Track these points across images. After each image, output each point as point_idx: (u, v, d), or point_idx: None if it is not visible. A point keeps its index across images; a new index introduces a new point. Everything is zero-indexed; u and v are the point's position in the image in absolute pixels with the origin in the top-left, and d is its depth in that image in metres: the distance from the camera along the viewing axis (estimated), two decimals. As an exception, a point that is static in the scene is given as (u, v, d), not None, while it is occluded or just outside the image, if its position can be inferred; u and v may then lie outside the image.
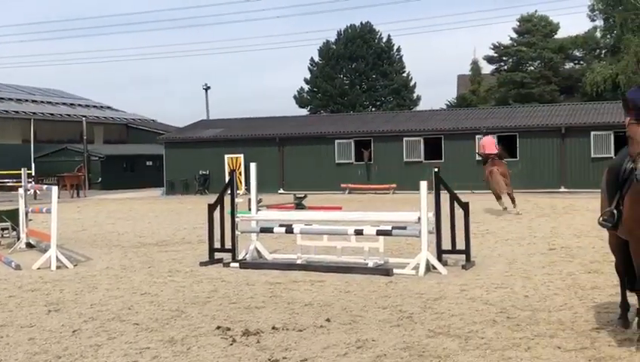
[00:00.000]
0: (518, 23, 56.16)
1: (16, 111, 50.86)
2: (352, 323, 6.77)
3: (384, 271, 9.61)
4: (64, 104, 59.11)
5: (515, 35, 56.17)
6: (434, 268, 9.64)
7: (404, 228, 10.08)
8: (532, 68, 55.35)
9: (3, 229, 13.71)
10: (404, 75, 64.17)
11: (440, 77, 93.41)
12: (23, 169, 14.45)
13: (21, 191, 13.54)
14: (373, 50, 62.90)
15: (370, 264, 10.04)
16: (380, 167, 33.58)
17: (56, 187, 11.62)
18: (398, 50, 64.43)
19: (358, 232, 10.07)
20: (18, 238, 13.35)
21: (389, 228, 10.03)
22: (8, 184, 36.23)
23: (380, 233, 10.02)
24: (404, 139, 33.38)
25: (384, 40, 64.23)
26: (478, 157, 31.29)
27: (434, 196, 9.95)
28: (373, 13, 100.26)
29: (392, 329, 6.50)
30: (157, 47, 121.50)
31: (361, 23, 64.29)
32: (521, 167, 30.88)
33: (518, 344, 5.93)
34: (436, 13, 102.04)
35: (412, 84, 64.20)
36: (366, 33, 63.51)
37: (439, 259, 9.86)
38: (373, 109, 62.05)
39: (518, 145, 31.65)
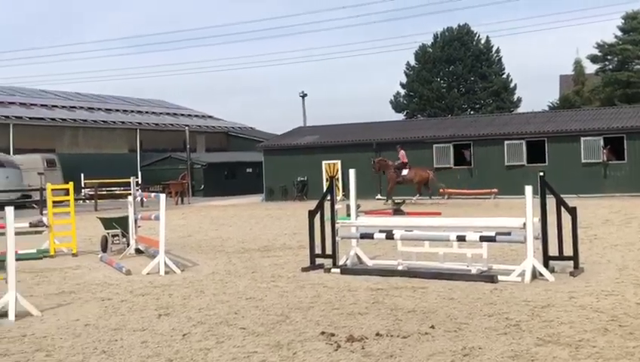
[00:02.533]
0: (622, 21, 54.09)
1: (123, 122, 52.91)
2: (458, 330, 6.69)
3: (488, 277, 9.44)
4: (168, 114, 61.06)
5: (620, 33, 54.12)
6: (540, 274, 9.40)
7: (509, 233, 9.87)
8: (639, 67, 53.17)
9: (114, 236, 14.26)
10: (504, 76, 62.97)
11: (541, 78, 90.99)
12: (132, 177, 15.01)
13: (130, 198, 14.07)
14: (471, 52, 62.02)
15: (474, 271, 9.89)
16: (480, 171, 33.03)
17: (164, 195, 11.99)
18: (497, 51, 63.30)
19: (461, 238, 9.93)
20: (128, 244, 13.87)
21: (492, 234, 9.84)
22: (116, 192, 37.75)
23: (483, 239, 9.85)
24: (506, 142, 32.71)
25: (482, 41, 63.21)
26: (583, 160, 30.47)
27: (539, 201, 9.71)
28: (471, 15, 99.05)
29: (499, 337, 6.38)
30: (255, 57, 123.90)
31: (459, 25, 63.53)
32: (629, 169, 29.72)
33: (632, 353, 5.71)
34: (536, 13, 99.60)
35: (512, 85, 62.92)
36: (463, 35, 62.70)
37: (546, 265, 9.61)
38: (471, 112, 61.16)
39: (625, 147, 30.45)
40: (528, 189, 9.43)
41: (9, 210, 8.11)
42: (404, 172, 29.99)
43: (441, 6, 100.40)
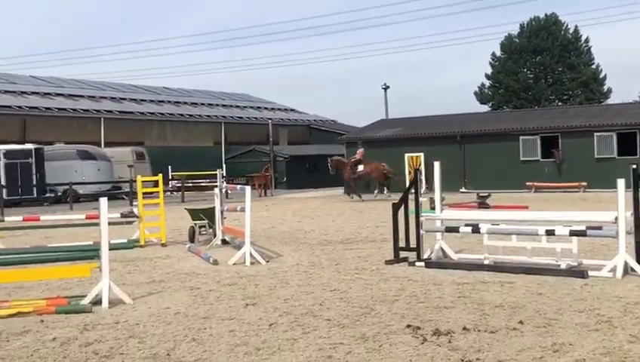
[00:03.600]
0: None
1: (209, 116, 53.95)
2: (547, 326, 6.55)
3: (578, 273, 9.20)
4: (252, 107, 61.91)
5: None
6: (632, 270, 9.10)
7: (600, 228, 9.58)
8: None
9: (201, 227, 14.57)
10: (593, 66, 61.10)
11: (633, 68, 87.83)
12: (218, 170, 15.31)
13: (217, 190, 14.34)
14: (559, 42, 60.40)
15: (563, 265, 9.65)
16: (568, 164, 32.16)
17: (249, 187, 12.18)
18: (587, 41, 61.46)
19: (550, 232, 9.70)
20: (214, 235, 14.15)
21: (582, 228, 9.57)
22: (202, 184, 38.53)
23: (573, 233, 9.60)
24: (595, 134, 31.72)
25: (571, 31, 61.45)
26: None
27: (632, 194, 9.38)
28: (559, 4, 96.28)
29: (590, 334, 6.21)
30: (337, 49, 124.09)
31: (546, 15, 61.94)
32: None
33: None
34: (627, 1, 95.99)
35: (602, 76, 60.95)
36: (551, 25, 61.10)
37: (638, 261, 9.28)
38: (559, 104, 59.61)
39: None
40: (620, 182, 9.13)
41: (103, 202, 8.39)
42: (360, 168, 31.15)
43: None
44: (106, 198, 8.49)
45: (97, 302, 7.97)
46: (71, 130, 43.06)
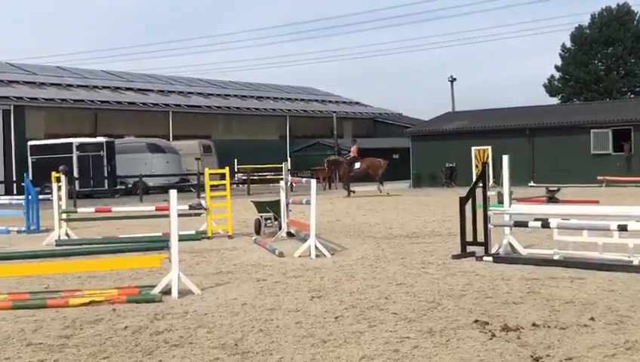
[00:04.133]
0: None
1: (274, 109, 54.36)
2: (619, 323, 6.38)
3: (652, 269, 8.93)
4: (316, 101, 62.08)
5: None
6: None
7: (675, 223, 9.26)
8: None
9: (267, 219, 14.70)
10: (668, 57, 59.12)
11: None
12: (284, 163, 15.40)
13: (282, 183, 14.44)
14: (631, 33, 58.69)
15: (636, 262, 9.38)
16: (640, 157, 31.27)
17: (315, 180, 12.22)
18: (661, 31, 59.44)
19: (622, 228, 9.44)
20: (280, 228, 14.26)
21: (657, 223, 9.27)
22: (267, 177, 38.89)
23: (647, 229, 9.31)
24: (670, 127, 30.75)
25: (644, 21, 59.61)
26: None
27: None
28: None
29: (666, 333, 6.03)
30: (403, 42, 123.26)
31: (618, 5, 60.21)
32: None
33: None
34: None
35: (677, 67, 58.94)
36: (623, 15, 59.42)
37: None
38: (632, 96, 57.88)
39: None
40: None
41: (172, 194, 8.54)
42: (356, 165, 31.19)
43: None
44: (175, 190, 8.64)
45: (167, 292, 8.13)
46: (140, 124, 44.01)
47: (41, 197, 18.51)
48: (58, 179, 15.62)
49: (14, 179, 36.30)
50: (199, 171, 35.30)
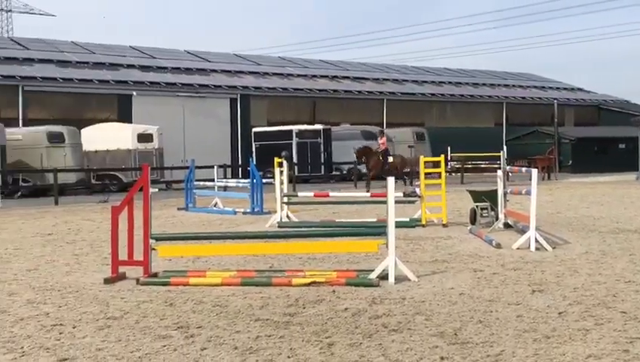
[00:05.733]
0: None
1: (490, 96, 53.18)
2: None
3: None
4: (535, 87, 59.88)
5: None
6: None
7: None
8: None
9: (482, 209, 14.41)
10: None
11: None
12: (501, 151, 14.99)
13: (500, 172, 14.07)
14: None
15: None
16: None
17: (536, 170, 11.77)
18: None
19: None
20: (496, 218, 13.91)
21: None
22: (482, 166, 38.14)
23: None
24: None
25: None
26: None
27: None
28: None
29: None
30: (629, 25, 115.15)
31: None
32: None
33: None
34: None
35: None
36: None
37: None
38: None
39: None
40: None
41: (390, 181, 8.63)
42: (391, 158, 29.28)
43: None
44: (392, 178, 8.72)
45: (383, 277, 8.23)
46: (355, 111, 45.01)
47: (264, 181, 19.52)
48: (280, 164, 16.38)
49: (240, 163, 38.72)
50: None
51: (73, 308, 7.25)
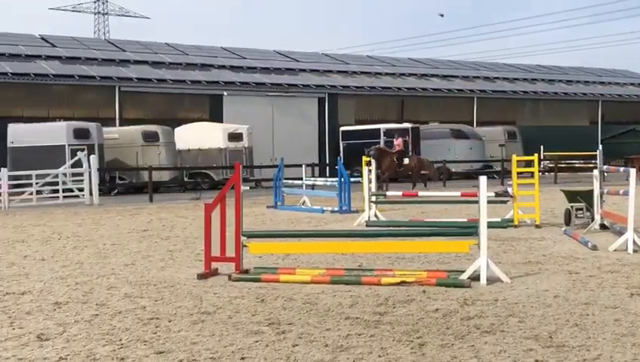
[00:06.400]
0: None
1: (584, 93, 51.57)
2: None
3: None
4: (632, 84, 57.69)
5: None
6: None
7: None
8: None
9: (577, 209, 14.00)
10: None
11: None
12: (598, 150, 14.52)
13: (596, 172, 13.63)
14: None
15: None
16: None
17: (634, 169, 11.35)
18: None
19: None
20: (592, 219, 13.49)
21: None
22: (576, 165, 37.07)
23: None
24: None
25: None
26: None
27: None
28: None
29: None
30: None
31: None
32: None
33: None
34: None
35: None
36: None
37: None
38: None
39: None
40: None
41: (482, 180, 8.48)
42: (405, 160, 27.92)
43: None
44: (485, 177, 8.57)
45: (475, 278, 8.11)
46: (444, 110, 44.49)
47: (352, 179, 19.54)
48: (368, 163, 16.37)
49: (327, 162, 38.90)
50: (503, 158, 34.80)
51: (168, 302, 7.46)
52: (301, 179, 23.07)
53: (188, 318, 6.70)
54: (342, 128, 38.98)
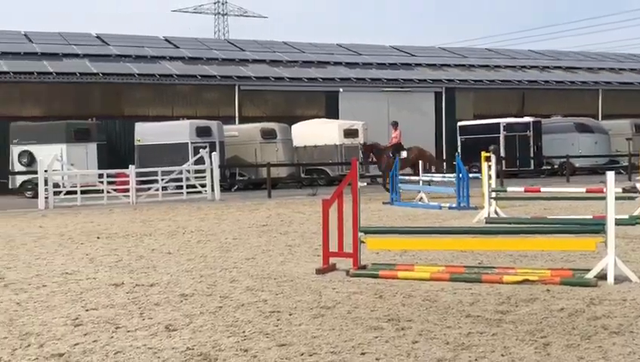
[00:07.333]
0: None
1: None
2: None
3: None
4: None
5: None
6: None
7: None
8: None
9: None
10: None
11: None
12: None
13: None
14: None
15: None
16: None
17: None
18: None
19: None
20: None
21: None
22: None
23: None
24: None
25: None
26: None
27: None
28: None
29: None
30: None
31: None
32: None
33: None
34: None
35: None
36: None
37: None
38: None
39: None
40: None
41: (610, 176, 8.13)
42: (403, 154, 24.10)
43: None
44: (612, 172, 8.21)
45: (601, 277, 7.80)
46: (568, 103, 42.97)
47: (470, 175, 19.21)
48: (488, 159, 16.03)
49: (444, 157, 38.42)
50: (630, 152, 33.25)
51: (289, 296, 7.59)
52: (418, 175, 22.87)
53: (308, 312, 6.80)
54: (459, 123, 38.38)
